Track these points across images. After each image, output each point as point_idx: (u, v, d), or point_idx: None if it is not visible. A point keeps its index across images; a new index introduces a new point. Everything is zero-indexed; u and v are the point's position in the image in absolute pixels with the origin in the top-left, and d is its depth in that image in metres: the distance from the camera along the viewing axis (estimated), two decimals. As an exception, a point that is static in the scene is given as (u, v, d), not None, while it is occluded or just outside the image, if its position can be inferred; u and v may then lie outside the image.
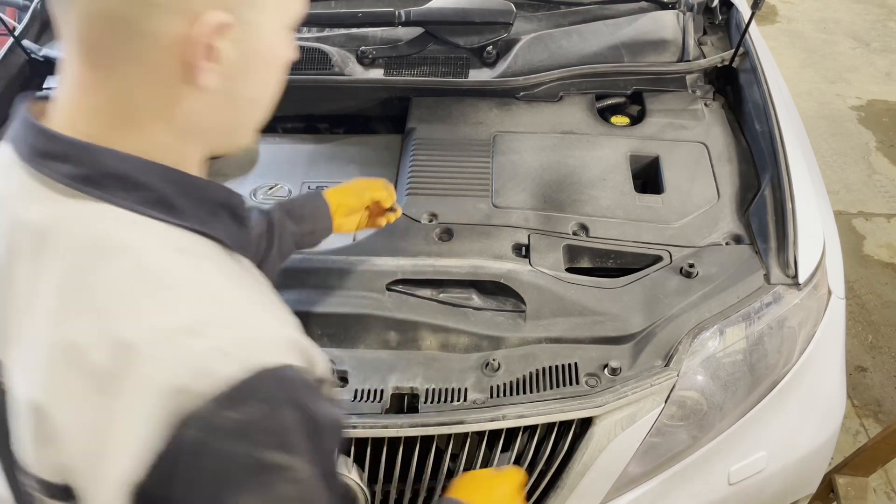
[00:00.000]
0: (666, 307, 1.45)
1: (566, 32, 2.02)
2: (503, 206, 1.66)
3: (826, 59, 4.65)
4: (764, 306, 1.45)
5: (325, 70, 1.96)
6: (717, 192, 1.69)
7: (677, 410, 1.40)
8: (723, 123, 1.89)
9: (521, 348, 1.42)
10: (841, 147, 2.66)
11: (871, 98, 4.31)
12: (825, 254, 1.57)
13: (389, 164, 1.93)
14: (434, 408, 1.33)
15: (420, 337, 1.44)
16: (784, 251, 1.51)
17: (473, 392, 1.35)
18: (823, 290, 1.56)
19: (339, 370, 1.40)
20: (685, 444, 1.44)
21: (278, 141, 2.06)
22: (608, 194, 1.69)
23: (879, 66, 4.60)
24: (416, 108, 1.95)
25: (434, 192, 1.70)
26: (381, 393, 1.35)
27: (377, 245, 1.57)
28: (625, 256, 1.58)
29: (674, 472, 1.46)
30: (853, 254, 3.28)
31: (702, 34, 2.14)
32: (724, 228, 1.61)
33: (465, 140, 1.84)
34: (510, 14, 1.97)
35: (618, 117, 1.94)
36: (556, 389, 1.35)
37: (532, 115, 1.92)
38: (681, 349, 1.39)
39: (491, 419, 1.31)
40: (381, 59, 2.01)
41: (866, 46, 4.80)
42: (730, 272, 1.50)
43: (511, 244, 1.57)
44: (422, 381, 1.37)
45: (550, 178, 1.73)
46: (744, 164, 1.77)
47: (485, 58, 2.00)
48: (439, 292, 1.50)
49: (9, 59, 2.04)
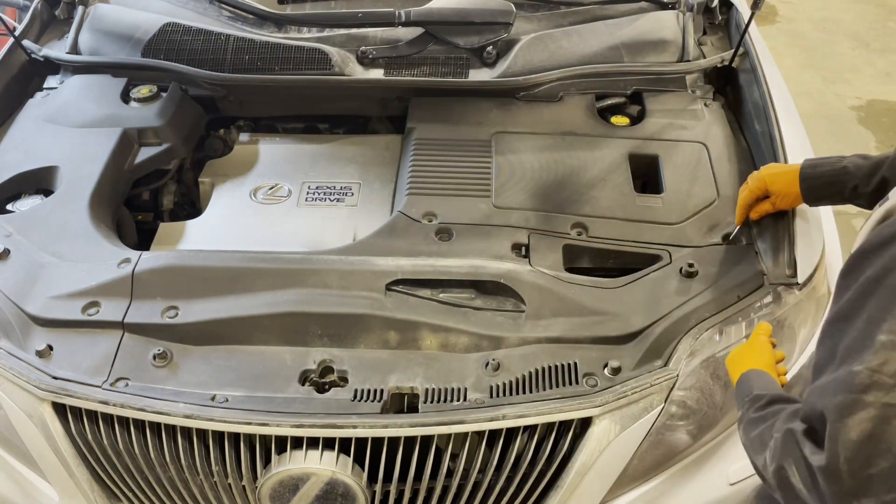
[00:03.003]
0: (666, 307, 1.45)
1: (566, 32, 2.03)
2: (503, 206, 1.66)
3: (826, 59, 4.65)
4: (764, 306, 1.46)
5: (325, 70, 1.96)
6: (717, 192, 1.69)
7: (677, 410, 1.41)
8: (723, 123, 1.89)
9: (521, 348, 1.42)
10: (841, 147, 2.60)
11: (871, 98, 4.31)
12: (825, 254, 1.57)
13: (389, 164, 1.93)
14: (434, 408, 1.33)
15: (420, 337, 1.44)
16: (784, 251, 1.51)
17: (473, 392, 1.35)
18: (823, 290, 1.56)
19: (339, 370, 1.40)
20: (685, 444, 1.44)
21: (278, 141, 2.07)
22: (608, 194, 1.70)
23: (879, 66, 4.60)
24: (416, 108, 1.95)
25: (434, 192, 1.70)
26: (380, 393, 1.35)
27: (377, 245, 1.57)
28: (625, 256, 1.58)
29: (674, 472, 1.46)
30: (853, 254, 3.27)
31: (702, 34, 2.15)
32: (724, 228, 1.61)
33: (465, 140, 1.84)
34: (510, 14, 1.97)
35: (618, 117, 1.94)
36: (556, 389, 1.35)
37: (532, 115, 1.92)
38: (681, 349, 1.39)
39: (491, 419, 1.31)
40: (381, 59, 2.01)
41: (866, 46, 4.80)
42: (730, 272, 1.50)
43: (511, 244, 1.57)
44: (422, 381, 1.37)
45: (550, 178, 1.73)
46: (744, 164, 1.77)
47: (485, 58, 2.00)
48: (439, 292, 1.50)
49: (9, 59, 2.05)
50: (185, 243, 1.74)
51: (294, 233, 1.75)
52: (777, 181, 1.52)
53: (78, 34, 2.13)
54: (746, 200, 1.56)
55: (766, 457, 1.03)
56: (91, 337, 1.44)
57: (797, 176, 1.47)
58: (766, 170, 1.55)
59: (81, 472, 1.43)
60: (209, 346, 1.43)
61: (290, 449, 1.32)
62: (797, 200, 1.51)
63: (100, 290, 1.48)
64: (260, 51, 1.98)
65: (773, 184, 1.52)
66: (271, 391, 1.36)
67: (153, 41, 2.02)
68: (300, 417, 1.31)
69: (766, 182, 1.53)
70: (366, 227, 1.70)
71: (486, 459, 1.35)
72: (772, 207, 1.55)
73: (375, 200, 1.84)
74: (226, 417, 1.31)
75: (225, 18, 2.15)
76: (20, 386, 1.38)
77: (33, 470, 1.51)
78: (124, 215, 1.85)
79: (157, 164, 1.89)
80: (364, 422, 1.30)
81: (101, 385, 1.36)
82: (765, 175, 1.53)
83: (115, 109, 1.92)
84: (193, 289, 1.48)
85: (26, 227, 1.63)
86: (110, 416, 1.36)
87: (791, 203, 1.53)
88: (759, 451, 1.05)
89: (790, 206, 1.55)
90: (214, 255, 1.56)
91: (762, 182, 1.53)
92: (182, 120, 1.94)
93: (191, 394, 1.35)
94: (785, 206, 1.54)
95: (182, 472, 1.37)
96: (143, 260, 1.53)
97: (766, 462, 1.02)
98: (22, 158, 1.81)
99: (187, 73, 1.95)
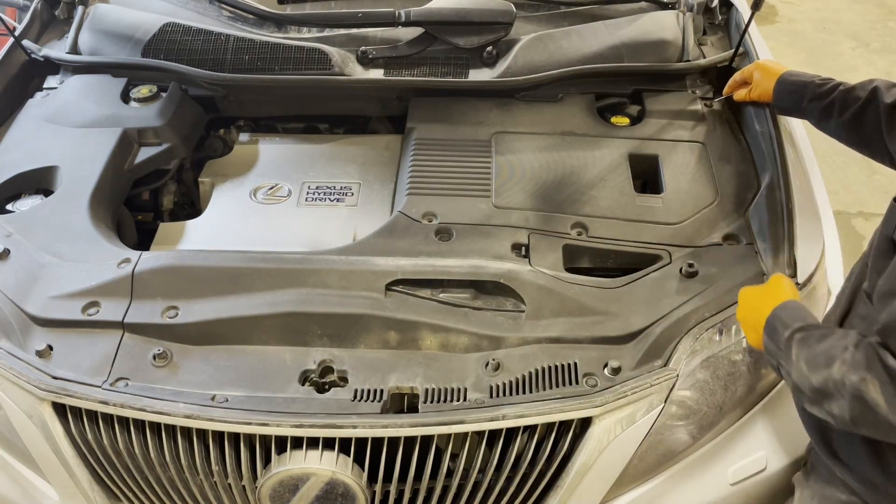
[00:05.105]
0: (666, 307, 1.45)
1: (566, 33, 2.03)
2: (503, 206, 1.66)
3: (826, 59, 4.64)
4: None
5: (325, 70, 1.96)
6: (717, 192, 1.69)
7: (677, 410, 1.41)
8: (723, 123, 1.89)
9: (521, 348, 1.42)
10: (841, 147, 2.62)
11: (871, 98, 4.30)
12: (825, 254, 1.57)
13: (389, 164, 1.93)
14: (434, 408, 1.33)
15: (420, 337, 1.44)
16: (784, 251, 1.51)
17: (473, 392, 1.35)
18: (823, 290, 1.57)
19: (339, 370, 1.40)
20: (685, 444, 1.44)
21: (278, 141, 2.07)
22: (608, 194, 1.70)
23: (879, 66, 4.59)
24: (416, 108, 1.95)
25: (434, 192, 1.70)
26: (380, 393, 1.35)
27: (377, 245, 1.57)
28: (625, 256, 1.58)
29: (674, 472, 1.46)
30: (853, 254, 3.26)
31: (702, 34, 2.15)
32: (724, 228, 1.61)
33: (465, 140, 1.84)
34: (510, 14, 1.97)
35: (618, 117, 1.94)
36: (556, 389, 1.35)
37: (532, 116, 1.92)
38: (680, 349, 1.39)
39: (491, 419, 1.31)
40: (381, 59, 2.01)
41: (866, 46, 4.80)
42: (730, 272, 1.50)
43: (511, 244, 1.57)
44: (422, 381, 1.37)
45: (550, 178, 1.73)
46: (743, 164, 1.77)
47: (485, 58, 2.00)
48: (439, 292, 1.50)
49: (9, 59, 2.05)
50: (185, 243, 1.74)
51: (294, 233, 1.75)
52: (762, 72, 1.74)
53: (78, 34, 2.13)
54: (737, 79, 1.82)
55: (832, 370, 1.03)
56: (91, 337, 1.44)
57: (777, 75, 1.69)
58: (761, 61, 1.81)
59: (81, 472, 1.43)
60: (209, 346, 1.43)
61: (290, 449, 1.32)
62: (768, 97, 1.71)
63: (100, 290, 1.48)
64: (260, 51, 1.98)
65: (758, 73, 1.75)
66: (271, 391, 1.36)
67: (153, 41, 2.02)
68: (300, 417, 1.31)
69: (753, 69, 1.77)
70: (366, 227, 1.70)
71: (486, 459, 1.35)
72: (747, 94, 1.78)
73: (375, 200, 1.84)
74: (226, 417, 1.31)
75: (225, 18, 2.15)
76: (20, 386, 1.38)
77: (33, 470, 1.51)
78: (124, 215, 1.85)
79: (157, 164, 1.89)
80: (364, 422, 1.30)
81: (101, 385, 1.36)
82: (757, 64, 1.79)
83: (115, 109, 1.92)
84: (193, 289, 1.48)
85: (26, 227, 1.63)
86: (110, 416, 1.36)
87: (761, 95, 1.74)
88: (825, 365, 1.05)
89: (760, 98, 1.75)
90: (214, 255, 1.56)
91: (752, 68, 1.78)
92: (182, 120, 1.94)
93: (191, 394, 1.35)
94: (756, 96, 1.76)
95: (182, 472, 1.37)
96: (143, 260, 1.53)
97: (833, 375, 1.03)
98: (22, 158, 1.81)
99: (187, 73, 1.95)
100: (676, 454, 1.45)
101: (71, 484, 1.44)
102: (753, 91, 1.76)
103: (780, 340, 1.16)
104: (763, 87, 1.73)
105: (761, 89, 1.73)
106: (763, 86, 1.73)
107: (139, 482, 1.41)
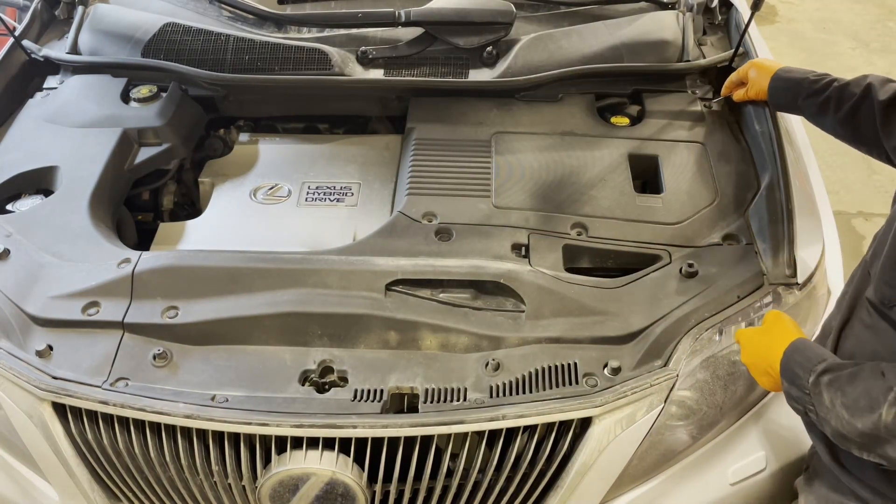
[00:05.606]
0: (666, 307, 1.45)
1: (566, 33, 2.03)
2: (503, 206, 1.66)
3: (826, 59, 4.65)
4: (764, 306, 1.45)
5: (325, 70, 1.96)
6: (717, 193, 1.69)
7: (677, 410, 1.41)
8: (722, 123, 1.89)
9: (521, 348, 1.42)
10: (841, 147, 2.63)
11: (871, 98, 4.31)
12: (825, 254, 1.58)
13: (389, 164, 1.93)
14: (434, 408, 1.33)
15: (420, 337, 1.44)
16: (783, 251, 1.51)
17: (473, 392, 1.35)
18: (823, 290, 1.57)
19: (339, 370, 1.40)
20: (685, 444, 1.45)
21: (278, 141, 2.07)
22: (608, 194, 1.70)
23: (879, 67, 4.59)
24: (416, 108, 1.95)
25: (434, 192, 1.70)
26: (380, 393, 1.35)
27: (377, 245, 1.57)
28: (625, 256, 1.58)
29: (674, 472, 1.46)
30: (853, 254, 3.27)
31: (702, 34, 2.15)
32: (724, 228, 1.61)
33: (465, 140, 1.84)
34: (510, 14, 1.97)
35: (618, 117, 1.94)
36: (556, 389, 1.35)
37: (532, 116, 1.92)
38: (680, 349, 1.39)
39: (491, 419, 1.31)
40: (381, 59, 2.01)
41: (866, 46, 4.80)
42: (729, 272, 1.50)
43: (511, 244, 1.57)
44: (422, 381, 1.37)
45: (550, 179, 1.73)
46: (743, 165, 1.77)
47: (485, 58, 2.00)
48: (439, 292, 1.50)
49: (9, 59, 2.05)
50: (185, 243, 1.74)
51: (294, 233, 1.75)
52: (757, 70, 1.75)
53: (78, 34, 2.13)
54: (733, 79, 1.83)
55: (882, 414, 1.01)
56: (91, 337, 1.44)
57: (772, 73, 1.69)
58: (756, 60, 1.81)
59: (81, 472, 1.43)
60: (209, 346, 1.43)
61: (290, 449, 1.32)
62: (765, 95, 1.71)
63: (100, 290, 1.48)
64: (260, 51, 1.98)
65: (753, 71, 1.76)
66: (271, 391, 1.36)
67: (153, 41, 2.02)
68: (300, 417, 1.31)
69: (748, 68, 1.77)
70: (366, 227, 1.70)
71: (486, 459, 1.35)
72: (744, 94, 1.79)
73: (375, 200, 1.85)
74: (226, 417, 1.31)
75: (225, 18, 2.15)
76: (20, 386, 1.38)
77: (33, 470, 1.51)
78: (124, 215, 1.85)
79: (157, 164, 1.89)
80: (364, 422, 1.30)
81: (101, 385, 1.36)
82: (752, 62, 1.79)
83: (115, 109, 1.92)
84: (193, 289, 1.48)
85: (26, 227, 1.63)
86: (110, 416, 1.36)
87: (758, 93, 1.74)
88: (868, 409, 1.03)
89: (757, 97, 1.76)
90: (214, 255, 1.56)
91: (748, 67, 1.78)
92: (182, 120, 1.94)
93: (191, 394, 1.35)
94: (753, 95, 1.77)
95: (182, 472, 1.37)
96: (143, 260, 1.53)
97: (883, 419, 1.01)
98: (22, 158, 1.81)
99: (187, 73, 1.95)
100: (676, 454, 1.45)
101: (71, 484, 1.44)
102: (750, 90, 1.77)
103: (805, 385, 1.12)
104: (759, 86, 1.73)
105: (757, 87, 1.74)
106: (759, 84, 1.73)
107: (139, 482, 1.41)
